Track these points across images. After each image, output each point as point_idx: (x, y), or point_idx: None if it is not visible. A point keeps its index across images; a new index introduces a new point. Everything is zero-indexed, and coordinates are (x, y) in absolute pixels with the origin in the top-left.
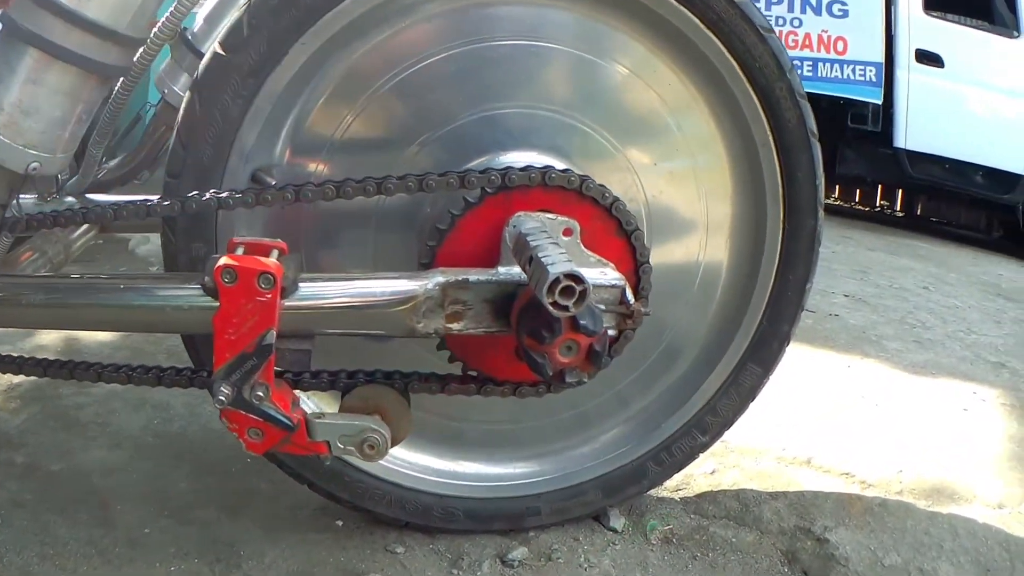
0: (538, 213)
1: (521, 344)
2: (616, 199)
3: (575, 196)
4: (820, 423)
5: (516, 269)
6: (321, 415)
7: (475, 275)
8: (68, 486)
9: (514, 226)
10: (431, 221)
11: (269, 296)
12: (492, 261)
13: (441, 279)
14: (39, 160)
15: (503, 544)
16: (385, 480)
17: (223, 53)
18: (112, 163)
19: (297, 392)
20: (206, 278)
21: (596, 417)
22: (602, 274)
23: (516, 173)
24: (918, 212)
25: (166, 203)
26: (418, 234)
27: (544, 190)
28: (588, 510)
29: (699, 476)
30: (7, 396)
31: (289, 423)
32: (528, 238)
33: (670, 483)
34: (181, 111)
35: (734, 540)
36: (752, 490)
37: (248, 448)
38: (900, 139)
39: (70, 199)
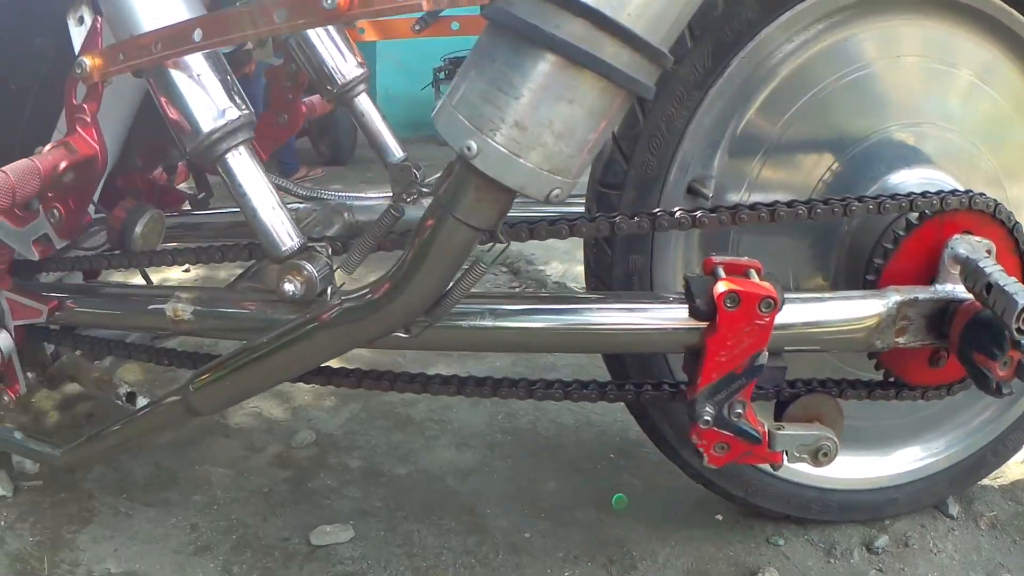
0: (968, 235)
1: (967, 358)
2: (1016, 222)
3: (989, 218)
4: None
5: (950, 287)
6: (780, 427)
7: (922, 293)
8: (421, 491)
9: (952, 248)
10: (856, 236)
11: (767, 319)
12: (923, 277)
13: (897, 298)
14: (561, 187)
15: (865, 533)
16: (778, 478)
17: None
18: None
19: None
20: (698, 301)
21: (949, 414)
22: None
23: (951, 197)
24: None
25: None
26: (841, 246)
27: (969, 213)
28: (934, 500)
29: (1012, 464)
30: (317, 394)
31: (758, 437)
32: (979, 264)
33: None
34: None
35: None
36: None
37: (709, 461)
38: None
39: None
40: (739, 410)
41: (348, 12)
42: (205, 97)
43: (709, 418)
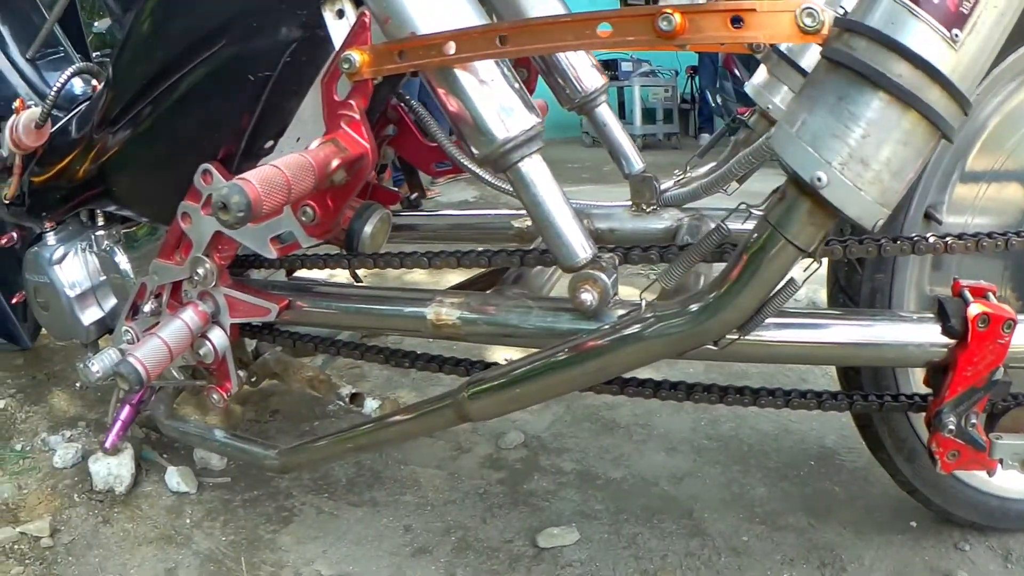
0: None
1: None
2: None
3: None
4: None
5: None
6: (998, 436)
7: None
8: (639, 494)
9: None
10: None
11: (1007, 338)
12: None
13: None
14: (883, 217)
15: None
16: (969, 486)
17: None
18: (699, 170)
19: None
20: (952, 321)
21: None
22: None
23: None
24: None
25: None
26: None
27: None
28: None
29: None
30: None
31: (984, 445)
32: None
33: None
34: None
35: None
36: None
37: (942, 468)
38: None
39: (671, 210)
40: (974, 421)
41: (681, 36)
42: (500, 103)
43: (952, 427)
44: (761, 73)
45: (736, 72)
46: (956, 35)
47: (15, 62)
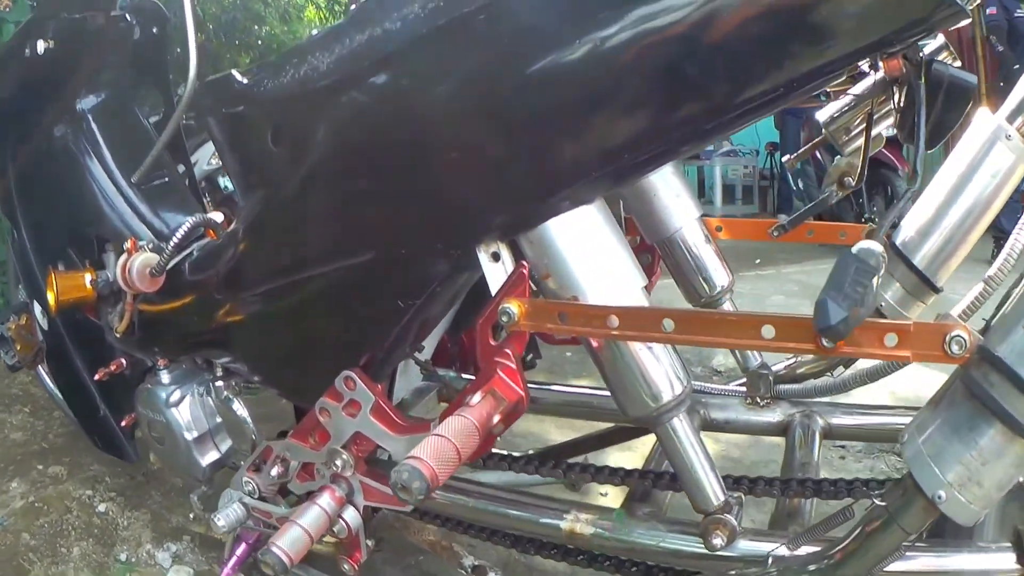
0: None
1: None
2: None
3: None
4: None
5: None
6: None
7: None
8: None
9: None
10: None
11: None
12: None
13: None
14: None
15: None
16: None
17: None
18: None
19: None
20: None
21: None
22: None
23: None
24: None
25: None
26: None
27: None
28: None
29: None
30: None
31: None
32: None
33: None
34: None
35: None
36: None
37: None
38: None
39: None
40: None
41: (840, 348)
42: (655, 373)
43: None
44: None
45: (819, 157)
46: None
47: (122, 189)
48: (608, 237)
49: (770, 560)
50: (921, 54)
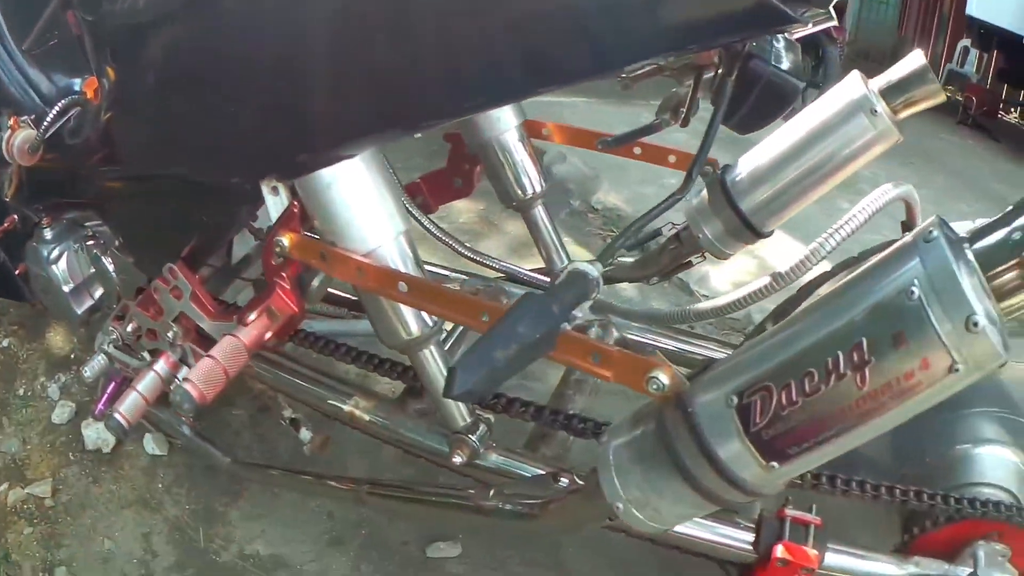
0: (988, 543)
1: None
2: None
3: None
4: None
5: (962, 568)
6: None
7: (935, 570)
8: None
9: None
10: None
11: None
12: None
13: (914, 570)
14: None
15: None
16: None
17: None
18: (629, 259)
19: None
20: (761, 545)
21: None
22: None
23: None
24: None
25: None
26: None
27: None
28: None
29: None
30: None
31: None
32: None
33: None
34: None
35: None
36: None
37: None
38: None
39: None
40: None
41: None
42: (407, 310)
43: None
44: (703, 196)
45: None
46: (773, 466)
47: (13, 56)
48: (371, 189)
49: (491, 492)
50: (746, 47)
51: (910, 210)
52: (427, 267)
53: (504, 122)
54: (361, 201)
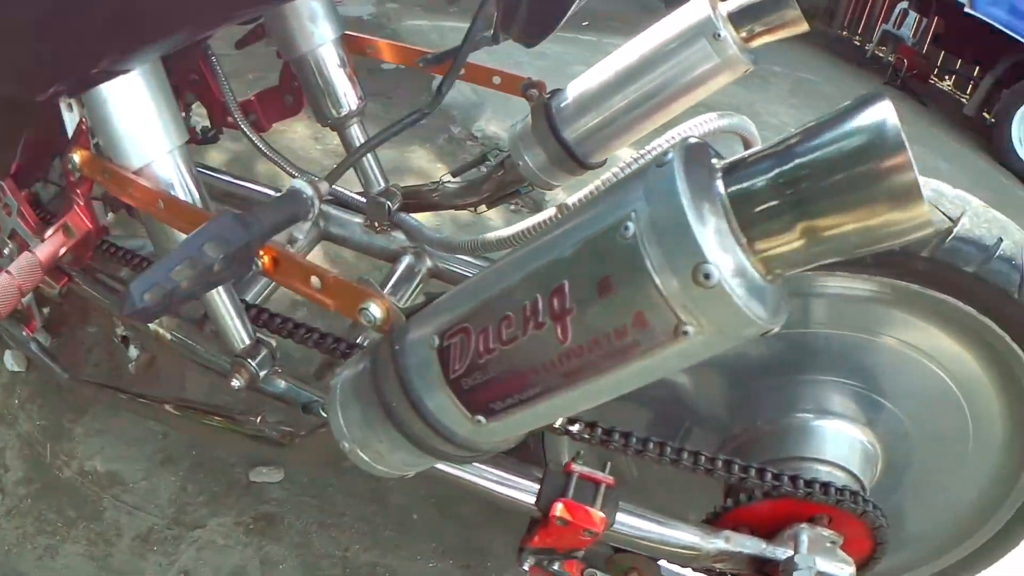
0: (815, 527)
1: None
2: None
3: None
4: None
5: (782, 550)
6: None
7: (749, 548)
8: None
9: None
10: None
11: (587, 540)
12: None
13: (723, 545)
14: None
15: None
16: None
17: None
18: (452, 185)
19: None
20: (543, 500)
21: None
22: None
23: (818, 494)
24: None
25: None
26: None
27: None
28: None
29: None
30: None
31: None
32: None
33: None
34: None
35: None
36: None
37: None
38: None
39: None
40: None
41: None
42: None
43: (531, 564)
44: (527, 122)
45: None
46: (479, 420)
47: None
48: (144, 104)
49: (259, 419)
50: None
51: (747, 147)
52: (247, 185)
53: (319, 36)
54: (133, 116)
